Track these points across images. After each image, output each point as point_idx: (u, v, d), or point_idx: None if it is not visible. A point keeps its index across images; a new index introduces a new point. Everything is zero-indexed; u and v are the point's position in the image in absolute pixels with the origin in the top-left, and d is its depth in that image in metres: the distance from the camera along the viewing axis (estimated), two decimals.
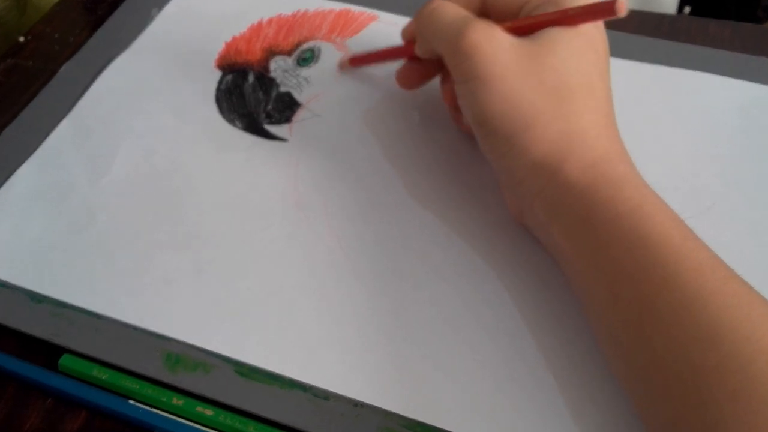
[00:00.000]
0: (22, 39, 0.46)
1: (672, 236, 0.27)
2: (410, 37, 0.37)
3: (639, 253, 0.27)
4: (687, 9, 0.79)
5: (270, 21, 0.45)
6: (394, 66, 0.38)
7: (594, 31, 0.31)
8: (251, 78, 0.42)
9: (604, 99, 0.31)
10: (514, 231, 0.34)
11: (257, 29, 0.45)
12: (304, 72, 0.42)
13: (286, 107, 0.41)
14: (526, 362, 0.30)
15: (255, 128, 0.40)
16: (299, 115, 0.40)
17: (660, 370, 0.25)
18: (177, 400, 0.30)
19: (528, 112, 0.29)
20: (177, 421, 0.29)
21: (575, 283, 0.30)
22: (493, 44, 0.30)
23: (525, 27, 0.31)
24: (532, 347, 0.31)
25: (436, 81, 0.38)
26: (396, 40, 0.38)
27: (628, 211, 0.28)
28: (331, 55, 0.43)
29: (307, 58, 0.43)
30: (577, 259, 0.29)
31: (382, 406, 0.29)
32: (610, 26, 0.32)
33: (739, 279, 0.26)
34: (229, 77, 0.42)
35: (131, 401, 0.30)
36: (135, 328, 0.32)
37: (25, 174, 0.38)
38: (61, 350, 0.32)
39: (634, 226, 0.27)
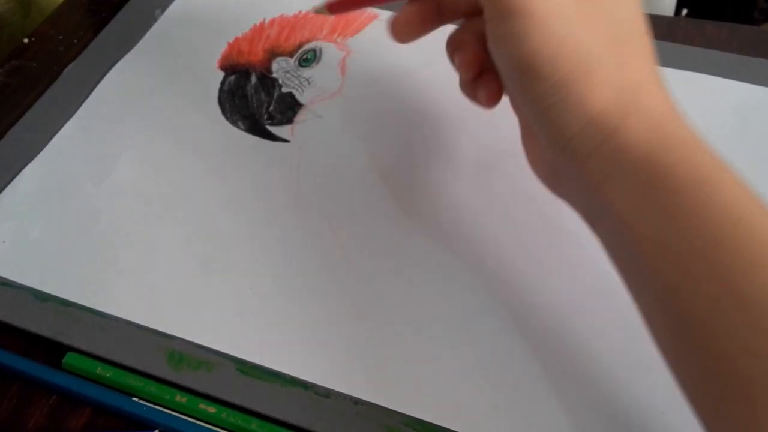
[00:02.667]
0: (26, 40, 0.46)
1: (755, 212, 0.23)
2: None
3: (716, 228, 0.23)
4: (684, 11, 0.79)
5: (272, 21, 0.45)
6: (397, 70, 0.38)
7: None
8: (253, 79, 0.42)
9: (653, 50, 0.27)
10: (515, 230, 0.34)
11: (259, 30, 0.45)
12: (306, 73, 0.42)
13: (288, 108, 0.41)
14: (526, 360, 0.30)
15: (257, 129, 0.40)
16: (301, 116, 0.40)
17: (745, 362, 0.22)
18: (180, 398, 0.30)
19: (587, 56, 0.25)
20: (180, 418, 0.30)
21: (628, 261, 0.26)
22: None
23: None
24: (532, 346, 0.31)
25: (438, 89, 0.38)
26: None
27: (702, 178, 0.24)
28: (332, 56, 0.43)
29: (308, 59, 0.43)
30: (634, 231, 0.25)
31: (383, 404, 0.30)
32: None
33: None
34: (232, 78, 0.43)
35: (135, 399, 0.30)
36: (139, 327, 0.32)
37: (30, 174, 0.38)
38: (65, 348, 0.32)
39: (709, 196, 0.24)
